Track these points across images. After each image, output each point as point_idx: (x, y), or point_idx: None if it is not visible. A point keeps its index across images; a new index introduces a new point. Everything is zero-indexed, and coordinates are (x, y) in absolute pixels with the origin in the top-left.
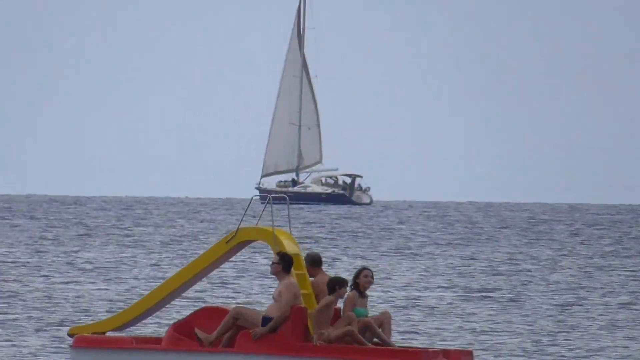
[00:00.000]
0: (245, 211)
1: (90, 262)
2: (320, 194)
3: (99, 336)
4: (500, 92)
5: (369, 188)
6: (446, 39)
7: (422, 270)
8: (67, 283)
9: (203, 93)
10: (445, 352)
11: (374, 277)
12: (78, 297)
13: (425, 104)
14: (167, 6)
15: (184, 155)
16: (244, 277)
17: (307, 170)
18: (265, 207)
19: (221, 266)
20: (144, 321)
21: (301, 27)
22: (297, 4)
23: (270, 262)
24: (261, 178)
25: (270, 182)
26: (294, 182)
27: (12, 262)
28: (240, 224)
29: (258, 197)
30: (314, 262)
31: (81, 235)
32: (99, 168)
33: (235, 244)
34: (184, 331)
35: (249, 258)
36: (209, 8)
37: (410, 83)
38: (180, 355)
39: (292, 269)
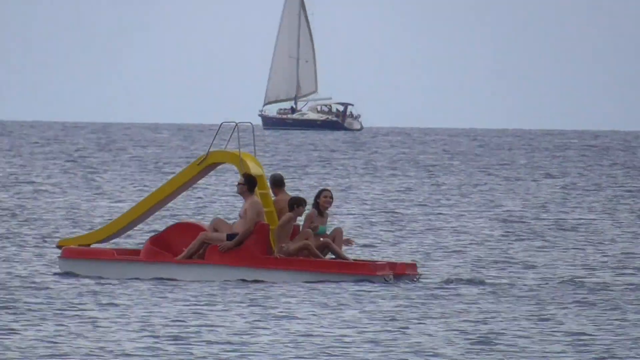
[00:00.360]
0: (215, 136)
1: (110, 182)
2: (315, 120)
3: (84, 248)
4: (487, 30)
5: (359, 115)
6: None
7: (404, 189)
8: (85, 201)
9: (212, 30)
10: (392, 265)
11: (333, 197)
12: (91, 214)
13: (412, 40)
14: None
15: (196, 86)
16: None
17: (304, 99)
18: (232, 133)
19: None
20: (126, 234)
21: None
22: None
23: (237, 183)
24: (264, 106)
25: (272, 110)
26: (293, 110)
27: (38, 182)
28: (210, 147)
29: (229, 123)
30: (277, 182)
31: (105, 160)
32: (120, 97)
33: (206, 165)
34: (160, 244)
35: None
36: None
37: (396, 22)
38: (156, 266)
39: (256, 188)
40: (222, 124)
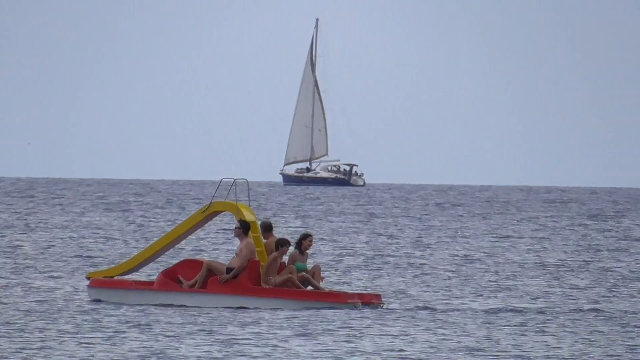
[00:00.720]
0: (215, 191)
1: (160, 229)
2: (326, 178)
3: (108, 279)
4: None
5: (362, 174)
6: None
7: (397, 234)
8: (139, 244)
9: (240, 104)
10: (360, 295)
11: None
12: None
13: (408, 110)
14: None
15: (227, 150)
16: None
17: (317, 160)
18: (230, 188)
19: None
20: (143, 268)
21: (314, 55)
22: (311, 39)
23: (234, 227)
24: (284, 166)
25: (290, 169)
26: (308, 169)
27: (101, 227)
28: (212, 198)
29: (228, 179)
30: (266, 227)
31: (158, 211)
32: (167, 156)
33: (209, 213)
34: (170, 277)
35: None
36: (245, 43)
37: (395, 98)
38: (167, 295)
39: (250, 232)
40: (222, 179)
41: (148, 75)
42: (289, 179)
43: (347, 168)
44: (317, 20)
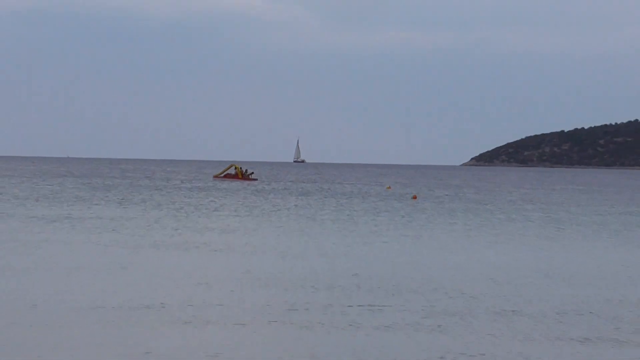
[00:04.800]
0: (230, 164)
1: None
2: (299, 162)
3: (217, 176)
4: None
5: (305, 160)
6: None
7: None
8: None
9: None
10: (253, 179)
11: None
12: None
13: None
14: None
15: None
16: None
17: (299, 158)
18: (238, 165)
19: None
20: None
21: (298, 144)
22: (296, 143)
23: (233, 167)
24: (294, 159)
25: (294, 159)
26: (297, 159)
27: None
28: (231, 164)
29: (235, 162)
30: (240, 167)
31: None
32: (211, 138)
33: (230, 165)
34: (225, 176)
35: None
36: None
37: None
38: (226, 180)
39: (236, 169)
40: (231, 164)
41: None
42: (295, 162)
43: (303, 159)
44: (299, 138)
